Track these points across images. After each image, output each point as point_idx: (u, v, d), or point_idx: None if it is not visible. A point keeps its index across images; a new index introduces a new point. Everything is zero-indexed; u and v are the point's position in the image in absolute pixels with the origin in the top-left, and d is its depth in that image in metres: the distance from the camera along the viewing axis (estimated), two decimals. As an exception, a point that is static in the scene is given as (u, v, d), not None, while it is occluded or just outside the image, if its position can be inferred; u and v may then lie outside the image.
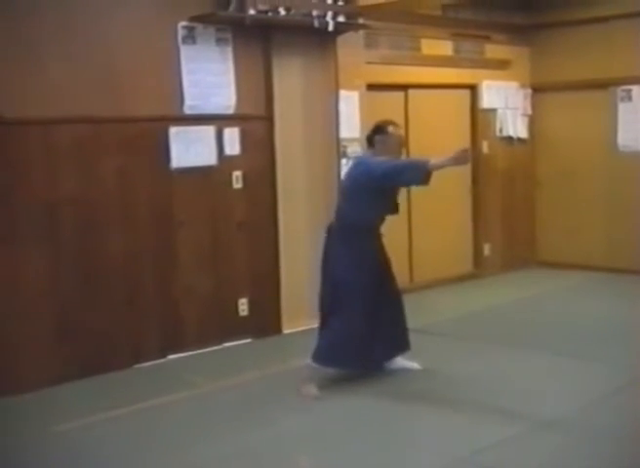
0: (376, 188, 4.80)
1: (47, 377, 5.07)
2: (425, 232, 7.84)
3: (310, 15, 6.09)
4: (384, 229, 5.12)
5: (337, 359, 4.93)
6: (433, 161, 4.61)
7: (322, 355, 4.92)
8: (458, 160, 4.57)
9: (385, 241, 5.14)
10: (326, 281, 5.05)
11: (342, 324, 4.92)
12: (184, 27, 5.68)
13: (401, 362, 5.23)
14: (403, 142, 5.12)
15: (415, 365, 5.24)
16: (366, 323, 4.92)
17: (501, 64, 8.39)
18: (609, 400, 4.64)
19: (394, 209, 5.08)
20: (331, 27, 6.16)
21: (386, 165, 4.76)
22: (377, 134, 5.02)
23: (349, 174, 5.11)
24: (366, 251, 4.96)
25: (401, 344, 5.17)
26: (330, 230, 5.07)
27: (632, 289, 7.50)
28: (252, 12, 5.74)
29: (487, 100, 8.29)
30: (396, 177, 4.76)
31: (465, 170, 8.28)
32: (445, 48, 7.88)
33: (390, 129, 5.02)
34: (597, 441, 4.06)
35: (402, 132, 5.17)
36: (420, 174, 4.63)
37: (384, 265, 5.11)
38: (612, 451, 3.93)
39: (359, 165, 5.04)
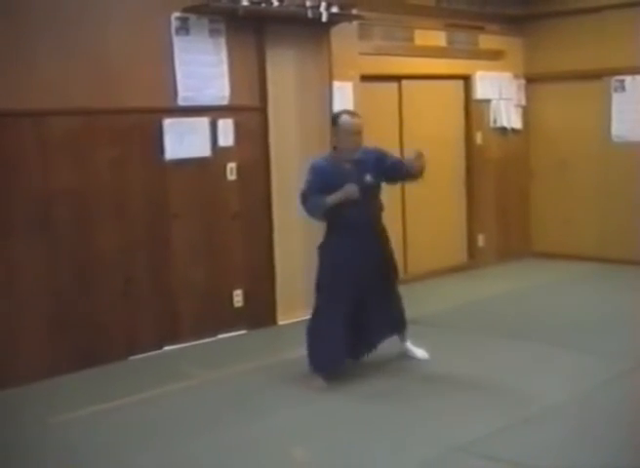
0: None
1: (42, 369, 5.07)
2: (419, 223, 7.84)
3: (304, 5, 6.07)
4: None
5: (316, 364, 4.88)
6: (329, 199, 4.69)
7: (309, 362, 4.92)
8: (346, 194, 4.67)
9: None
10: None
11: (312, 324, 4.92)
12: (178, 18, 5.66)
13: (409, 348, 5.21)
14: (356, 131, 4.77)
15: (423, 353, 5.20)
16: (337, 316, 4.79)
17: (495, 55, 8.39)
18: (605, 389, 4.65)
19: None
20: (324, 18, 6.15)
21: (303, 189, 4.83)
22: (333, 125, 4.91)
23: None
24: (334, 246, 4.86)
25: (396, 325, 5.13)
26: None
27: (627, 279, 7.52)
28: (245, 3, 5.73)
29: (480, 91, 8.28)
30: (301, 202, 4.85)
31: (460, 161, 8.31)
32: (438, 38, 7.87)
33: (342, 118, 4.84)
34: (595, 429, 4.08)
35: (357, 120, 4.84)
36: (320, 210, 4.77)
37: (364, 256, 4.85)
38: (609, 440, 3.94)
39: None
